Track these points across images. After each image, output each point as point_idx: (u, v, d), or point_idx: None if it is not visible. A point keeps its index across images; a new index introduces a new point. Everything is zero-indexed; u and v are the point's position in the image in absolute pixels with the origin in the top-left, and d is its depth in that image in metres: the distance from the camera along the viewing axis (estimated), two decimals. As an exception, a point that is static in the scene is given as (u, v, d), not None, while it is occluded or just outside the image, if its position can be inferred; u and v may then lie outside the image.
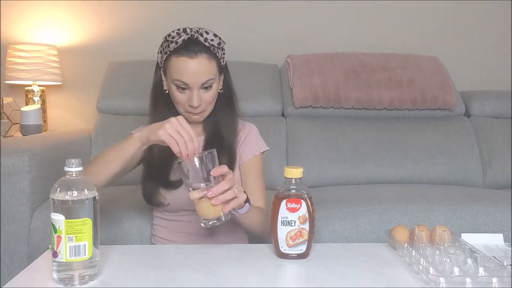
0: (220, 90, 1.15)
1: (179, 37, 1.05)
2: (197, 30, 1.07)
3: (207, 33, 1.07)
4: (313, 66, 2.03)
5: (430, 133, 2.00)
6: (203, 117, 1.14)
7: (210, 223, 0.89)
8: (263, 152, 1.20)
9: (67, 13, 2.28)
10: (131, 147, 0.97)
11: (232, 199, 0.89)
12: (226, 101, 1.18)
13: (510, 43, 2.48)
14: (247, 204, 0.96)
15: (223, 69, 1.15)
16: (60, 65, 2.19)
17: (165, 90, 1.14)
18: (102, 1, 2.29)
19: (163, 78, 1.14)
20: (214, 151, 0.89)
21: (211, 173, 0.87)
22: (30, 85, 2.14)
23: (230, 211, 0.90)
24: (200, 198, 0.87)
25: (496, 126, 2.09)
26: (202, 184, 0.88)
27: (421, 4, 2.43)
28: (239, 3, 2.34)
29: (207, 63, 1.07)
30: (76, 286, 0.75)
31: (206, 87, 1.09)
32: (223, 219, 0.90)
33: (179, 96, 1.09)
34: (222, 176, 0.89)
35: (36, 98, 2.13)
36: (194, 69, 1.05)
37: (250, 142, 1.18)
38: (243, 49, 2.29)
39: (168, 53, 1.08)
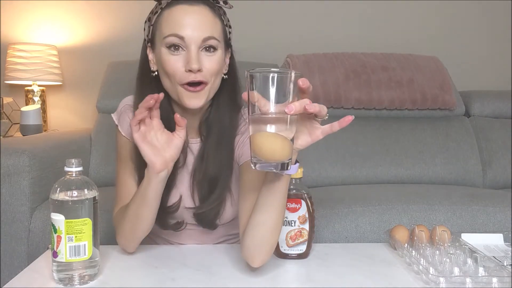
0: (225, 75, 0.93)
1: None
2: None
3: None
4: (313, 66, 2.03)
5: (430, 133, 2.00)
6: (204, 97, 0.87)
7: (269, 165, 0.64)
8: None
9: (67, 13, 2.28)
10: (152, 186, 0.83)
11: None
12: (229, 92, 0.95)
13: (510, 43, 2.48)
14: (297, 164, 0.72)
15: (229, 45, 0.94)
16: (60, 65, 2.19)
17: (153, 72, 0.91)
18: (102, 1, 2.29)
19: (151, 56, 0.91)
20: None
21: (300, 82, 0.63)
22: (30, 85, 2.14)
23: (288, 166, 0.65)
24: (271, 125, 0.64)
25: (496, 126, 2.09)
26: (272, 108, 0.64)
27: (421, 4, 2.43)
28: (239, 3, 2.34)
29: (211, 17, 0.86)
30: (76, 286, 0.75)
31: (208, 47, 0.85)
32: (286, 168, 0.65)
33: (172, 61, 0.84)
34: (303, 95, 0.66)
35: (36, 98, 2.13)
36: (193, 18, 0.83)
37: None
38: (243, 49, 2.28)
39: (159, 11, 0.87)
